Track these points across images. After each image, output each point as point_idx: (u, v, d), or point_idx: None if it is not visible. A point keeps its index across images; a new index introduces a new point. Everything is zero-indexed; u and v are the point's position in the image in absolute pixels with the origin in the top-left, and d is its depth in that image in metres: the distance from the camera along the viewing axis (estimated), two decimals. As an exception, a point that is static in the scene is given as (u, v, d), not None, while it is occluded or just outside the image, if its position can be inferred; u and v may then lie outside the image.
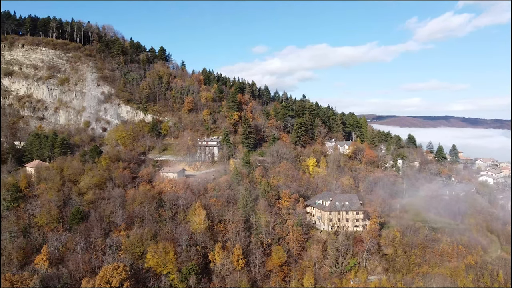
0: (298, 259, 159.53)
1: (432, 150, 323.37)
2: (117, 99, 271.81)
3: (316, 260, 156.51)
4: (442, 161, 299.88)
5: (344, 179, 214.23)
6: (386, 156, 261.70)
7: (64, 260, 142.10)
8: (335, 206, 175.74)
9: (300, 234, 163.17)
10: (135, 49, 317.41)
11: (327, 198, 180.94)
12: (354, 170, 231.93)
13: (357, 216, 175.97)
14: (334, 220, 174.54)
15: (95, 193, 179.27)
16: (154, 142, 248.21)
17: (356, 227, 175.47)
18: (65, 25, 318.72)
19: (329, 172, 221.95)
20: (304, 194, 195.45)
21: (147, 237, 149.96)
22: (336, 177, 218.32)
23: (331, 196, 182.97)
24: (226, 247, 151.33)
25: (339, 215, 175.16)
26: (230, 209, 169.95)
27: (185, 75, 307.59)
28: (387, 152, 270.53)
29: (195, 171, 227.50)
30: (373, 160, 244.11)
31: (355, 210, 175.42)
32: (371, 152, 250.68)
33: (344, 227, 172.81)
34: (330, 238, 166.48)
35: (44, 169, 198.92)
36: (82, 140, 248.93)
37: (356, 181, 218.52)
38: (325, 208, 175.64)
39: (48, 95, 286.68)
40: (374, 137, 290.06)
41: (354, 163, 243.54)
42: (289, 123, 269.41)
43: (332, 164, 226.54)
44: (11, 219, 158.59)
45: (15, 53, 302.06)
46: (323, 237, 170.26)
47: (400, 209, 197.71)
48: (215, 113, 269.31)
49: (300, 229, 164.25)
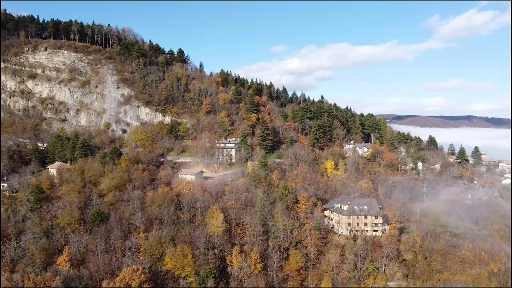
0: (316, 263, 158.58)
1: (453, 152, 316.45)
2: (136, 101, 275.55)
3: (334, 265, 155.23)
4: (464, 163, 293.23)
5: (363, 182, 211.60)
6: (406, 158, 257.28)
7: (85, 261, 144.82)
8: (353, 210, 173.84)
9: (318, 238, 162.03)
10: (154, 51, 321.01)
11: (345, 202, 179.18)
12: (373, 173, 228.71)
13: (376, 221, 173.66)
14: (353, 224, 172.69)
15: (115, 194, 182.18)
16: (172, 144, 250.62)
17: (375, 231, 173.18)
18: (86, 28, 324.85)
19: (348, 175, 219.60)
20: (322, 198, 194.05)
21: (166, 239, 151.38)
22: (355, 180, 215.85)
23: (349, 200, 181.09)
24: (243, 251, 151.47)
25: (357, 219, 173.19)
26: (248, 212, 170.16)
27: (203, 77, 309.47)
28: (407, 155, 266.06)
29: (213, 173, 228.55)
30: (392, 162, 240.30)
31: (374, 215, 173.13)
32: (391, 154, 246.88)
33: (363, 232, 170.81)
34: (348, 243, 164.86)
35: (66, 170, 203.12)
36: (102, 142, 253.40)
37: (375, 185, 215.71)
38: (343, 212, 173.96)
39: (69, 97, 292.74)
40: (393, 139, 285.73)
41: (373, 166, 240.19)
42: (307, 125, 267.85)
43: (350, 167, 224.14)
44: (34, 220, 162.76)
45: (38, 56, 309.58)
46: (341, 242, 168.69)
47: (420, 214, 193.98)
48: (233, 115, 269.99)
49: (318, 233, 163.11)
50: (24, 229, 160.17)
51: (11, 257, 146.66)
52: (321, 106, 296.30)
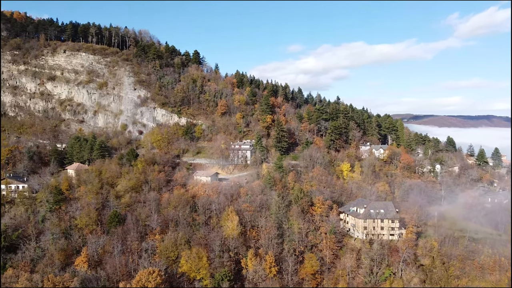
0: (331, 267, 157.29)
1: (472, 153, 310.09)
2: (152, 102, 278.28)
3: (349, 269, 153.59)
4: (484, 165, 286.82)
5: (379, 185, 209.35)
6: (424, 160, 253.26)
7: (102, 262, 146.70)
8: (369, 213, 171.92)
9: (334, 242, 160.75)
10: (170, 53, 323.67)
11: (361, 205, 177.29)
12: (389, 176, 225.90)
13: (392, 225, 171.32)
14: (369, 228, 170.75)
15: (131, 196, 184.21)
16: (188, 145, 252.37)
17: (391, 235, 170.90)
18: (103, 30, 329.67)
19: (364, 177, 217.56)
20: (338, 200, 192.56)
21: (181, 241, 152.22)
22: (371, 182, 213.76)
23: (365, 203, 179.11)
24: (258, 254, 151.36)
25: (373, 223, 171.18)
26: (263, 214, 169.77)
27: (218, 78, 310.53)
28: (425, 157, 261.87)
29: (228, 175, 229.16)
30: (409, 165, 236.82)
31: (391, 218, 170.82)
32: (408, 156, 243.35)
33: (379, 236, 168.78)
34: (364, 247, 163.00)
35: (84, 171, 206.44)
36: (119, 143, 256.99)
37: (392, 187, 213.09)
38: (359, 216, 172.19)
39: (87, 98, 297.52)
40: (411, 140, 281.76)
41: (389, 168, 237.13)
42: (322, 126, 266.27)
43: (366, 169, 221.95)
44: (53, 220, 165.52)
45: (58, 59, 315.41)
46: (357, 245, 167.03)
47: (438, 218, 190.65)
48: (248, 116, 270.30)
49: (334, 237, 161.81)
50: (43, 230, 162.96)
51: (31, 257, 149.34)
52: (337, 107, 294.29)
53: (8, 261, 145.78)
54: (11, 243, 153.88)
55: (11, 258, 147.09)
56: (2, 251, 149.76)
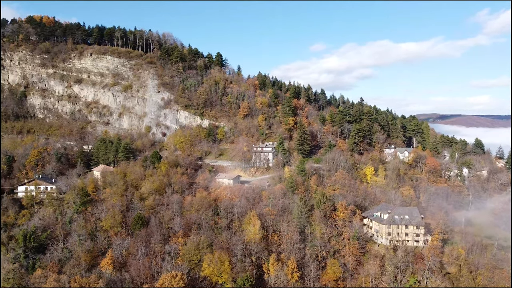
0: (354, 274, 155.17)
1: (502, 155, 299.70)
2: (176, 105, 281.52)
3: (373, 276, 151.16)
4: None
5: (404, 190, 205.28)
6: (450, 164, 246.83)
7: (126, 264, 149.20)
8: (394, 219, 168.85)
9: (357, 248, 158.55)
10: (193, 55, 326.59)
11: (385, 210, 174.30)
12: (414, 180, 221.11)
13: (417, 231, 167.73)
14: (393, 234, 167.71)
15: (155, 198, 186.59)
16: (210, 147, 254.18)
17: (416, 242, 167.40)
18: (128, 33, 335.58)
19: (388, 181, 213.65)
20: (361, 205, 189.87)
21: (204, 245, 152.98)
22: (395, 186, 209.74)
23: (389, 208, 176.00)
24: (280, 259, 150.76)
25: (398, 229, 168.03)
26: (285, 219, 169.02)
27: (240, 80, 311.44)
28: (451, 160, 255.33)
29: (250, 177, 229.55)
30: (435, 169, 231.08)
31: (416, 225, 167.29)
32: (434, 160, 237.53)
33: (403, 242, 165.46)
34: (388, 253, 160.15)
35: (109, 173, 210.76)
36: (143, 145, 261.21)
37: (417, 192, 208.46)
38: (383, 221, 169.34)
39: (113, 101, 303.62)
40: (437, 143, 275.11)
41: (414, 172, 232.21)
42: (345, 128, 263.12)
43: (391, 173, 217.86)
44: (80, 222, 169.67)
45: (84, 62, 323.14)
46: (380, 252, 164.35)
47: (465, 224, 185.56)
48: (270, 118, 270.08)
49: (357, 243, 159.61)
50: (70, 231, 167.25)
51: (58, 257, 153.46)
52: (360, 109, 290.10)
53: (37, 261, 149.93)
54: (40, 244, 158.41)
55: (40, 259, 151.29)
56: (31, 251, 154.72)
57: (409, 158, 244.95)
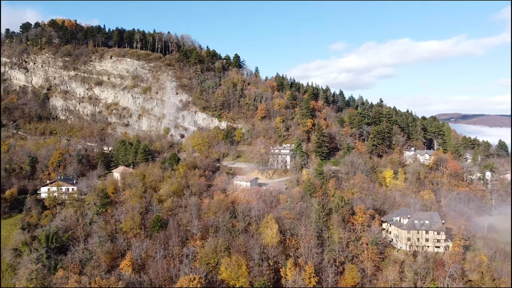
0: (372, 280, 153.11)
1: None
2: (194, 106, 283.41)
3: (392, 282, 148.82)
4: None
5: (424, 193, 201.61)
6: (472, 167, 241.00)
7: (145, 266, 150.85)
8: (413, 224, 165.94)
9: (375, 253, 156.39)
10: (211, 57, 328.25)
11: (405, 215, 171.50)
12: (435, 184, 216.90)
13: (438, 236, 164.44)
14: (413, 239, 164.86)
15: (173, 200, 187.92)
16: (228, 149, 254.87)
17: (437, 248, 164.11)
18: (147, 36, 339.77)
19: (408, 185, 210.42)
20: (380, 209, 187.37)
21: (221, 248, 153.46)
22: (415, 190, 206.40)
23: (409, 213, 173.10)
24: (298, 264, 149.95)
25: (418, 234, 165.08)
26: (302, 223, 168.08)
27: (258, 82, 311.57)
28: (474, 163, 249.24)
29: (267, 179, 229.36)
30: (457, 172, 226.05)
31: (436, 230, 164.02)
32: (455, 163, 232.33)
33: (424, 248, 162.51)
34: (408, 259, 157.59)
35: (129, 175, 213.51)
36: (162, 146, 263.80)
37: (438, 196, 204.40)
38: (402, 226, 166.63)
39: (132, 103, 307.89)
40: (458, 145, 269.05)
41: (435, 175, 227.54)
42: (364, 130, 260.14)
43: (411, 176, 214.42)
44: (100, 224, 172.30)
45: (104, 64, 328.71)
46: (400, 257, 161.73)
47: (487, 229, 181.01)
48: (288, 120, 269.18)
49: (375, 248, 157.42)
50: (91, 232, 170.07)
51: (79, 258, 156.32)
52: (379, 110, 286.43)
53: (59, 262, 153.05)
54: (62, 244, 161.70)
55: (62, 259, 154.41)
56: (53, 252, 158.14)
57: (430, 161, 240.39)
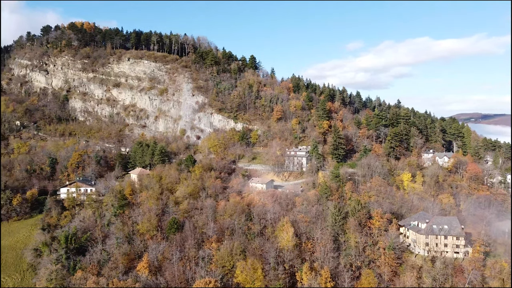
0: (390, 285, 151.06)
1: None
2: (210, 108, 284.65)
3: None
4: None
5: (443, 197, 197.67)
6: (493, 170, 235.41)
7: (161, 268, 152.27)
8: (432, 229, 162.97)
9: (393, 258, 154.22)
10: (227, 58, 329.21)
11: (423, 219, 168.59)
12: (454, 187, 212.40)
13: (457, 242, 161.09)
14: (431, 244, 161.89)
15: (189, 202, 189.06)
16: (243, 151, 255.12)
17: (456, 253, 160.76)
18: (164, 38, 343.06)
19: (426, 188, 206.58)
20: (397, 212, 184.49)
21: (237, 251, 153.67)
22: (434, 194, 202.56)
23: (427, 217, 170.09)
24: (314, 268, 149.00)
25: (436, 239, 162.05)
26: (318, 226, 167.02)
27: (274, 83, 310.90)
28: (494, 166, 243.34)
29: (283, 182, 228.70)
30: (477, 175, 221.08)
31: (455, 235, 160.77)
32: (475, 166, 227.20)
33: (442, 253, 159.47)
34: (426, 265, 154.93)
35: (145, 176, 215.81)
36: (178, 148, 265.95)
37: (457, 200, 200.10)
38: (420, 231, 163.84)
39: (149, 104, 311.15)
40: (479, 148, 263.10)
41: (454, 179, 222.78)
42: (382, 132, 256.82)
43: (429, 180, 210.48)
44: (118, 225, 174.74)
45: (122, 66, 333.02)
46: (418, 263, 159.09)
47: (509, 235, 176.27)
48: (304, 122, 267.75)
49: (393, 253, 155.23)
50: (108, 233, 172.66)
51: (97, 259, 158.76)
52: (397, 112, 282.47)
53: (78, 262, 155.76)
54: (80, 245, 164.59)
55: (80, 260, 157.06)
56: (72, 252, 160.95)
57: (449, 164, 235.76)
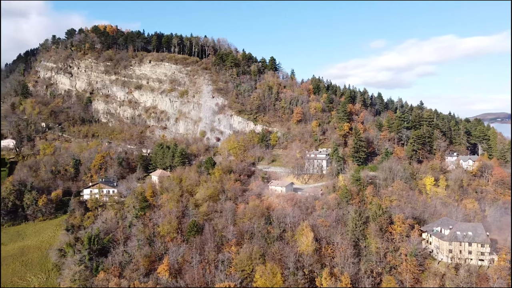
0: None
1: None
2: (229, 110, 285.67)
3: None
4: None
5: (467, 202, 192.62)
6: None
7: (181, 271, 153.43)
8: (455, 235, 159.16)
9: (415, 265, 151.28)
10: (247, 60, 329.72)
11: (446, 225, 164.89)
12: (479, 192, 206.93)
13: (482, 249, 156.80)
14: (455, 251, 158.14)
15: (209, 205, 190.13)
16: (263, 153, 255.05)
17: (480, 261, 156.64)
18: (185, 40, 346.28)
19: (449, 193, 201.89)
20: (420, 217, 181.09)
21: (256, 255, 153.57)
22: (458, 199, 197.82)
23: (451, 223, 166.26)
24: (333, 273, 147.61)
25: (460, 246, 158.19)
26: (339, 231, 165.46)
27: (294, 85, 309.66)
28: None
29: (303, 184, 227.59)
30: (503, 179, 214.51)
31: (480, 242, 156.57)
32: (501, 170, 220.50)
33: (466, 260, 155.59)
34: (449, 272, 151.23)
35: (166, 178, 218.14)
36: (198, 149, 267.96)
37: (482, 205, 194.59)
38: (444, 238, 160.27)
39: (170, 106, 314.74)
40: (505, 151, 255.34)
41: (479, 183, 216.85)
42: (404, 135, 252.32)
43: (453, 184, 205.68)
44: (139, 227, 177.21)
45: (144, 69, 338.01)
46: (440, 270, 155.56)
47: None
48: (324, 124, 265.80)
49: (415, 260, 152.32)
50: (130, 235, 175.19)
51: (119, 261, 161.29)
52: (419, 113, 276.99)
53: (100, 264, 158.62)
54: (103, 246, 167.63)
55: (103, 261, 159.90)
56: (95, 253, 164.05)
57: (474, 167, 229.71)
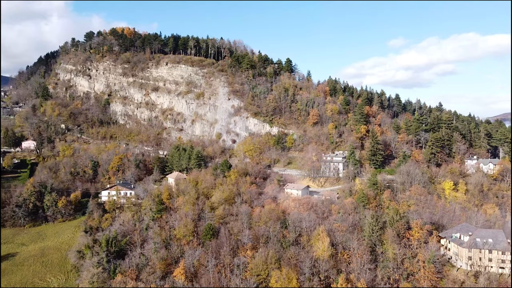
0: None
1: None
2: (245, 112, 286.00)
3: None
4: None
5: (488, 207, 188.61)
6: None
7: (197, 275, 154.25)
8: (475, 242, 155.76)
9: (433, 272, 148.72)
10: (262, 62, 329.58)
11: (466, 232, 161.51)
12: (500, 197, 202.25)
13: (503, 257, 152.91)
14: (474, 258, 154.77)
15: (224, 208, 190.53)
16: (279, 155, 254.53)
17: (501, 269, 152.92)
18: (201, 42, 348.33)
19: (469, 197, 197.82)
20: (438, 223, 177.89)
21: (272, 260, 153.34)
22: (478, 204, 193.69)
23: (470, 229, 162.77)
24: (350, 280, 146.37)
25: (480, 253, 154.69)
26: (355, 236, 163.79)
27: (310, 86, 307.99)
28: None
29: (318, 188, 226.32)
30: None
31: (501, 250, 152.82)
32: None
33: (486, 268, 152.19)
34: (468, 280, 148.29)
35: (182, 181, 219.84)
36: (214, 151, 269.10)
37: (503, 211, 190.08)
38: (463, 244, 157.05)
39: (186, 108, 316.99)
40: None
41: (500, 188, 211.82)
42: (422, 137, 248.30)
43: (472, 188, 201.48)
44: (155, 229, 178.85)
45: (160, 71, 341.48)
46: (460, 277, 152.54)
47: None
48: (340, 126, 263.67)
49: (433, 267, 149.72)
50: (147, 238, 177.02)
51: (136, 263, 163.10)
52: (438, 115, 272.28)
53: (118, 266, 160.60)
54: (120, 249, 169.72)
55: (120, 264, 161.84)
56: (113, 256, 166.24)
57: (494, 171, 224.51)
